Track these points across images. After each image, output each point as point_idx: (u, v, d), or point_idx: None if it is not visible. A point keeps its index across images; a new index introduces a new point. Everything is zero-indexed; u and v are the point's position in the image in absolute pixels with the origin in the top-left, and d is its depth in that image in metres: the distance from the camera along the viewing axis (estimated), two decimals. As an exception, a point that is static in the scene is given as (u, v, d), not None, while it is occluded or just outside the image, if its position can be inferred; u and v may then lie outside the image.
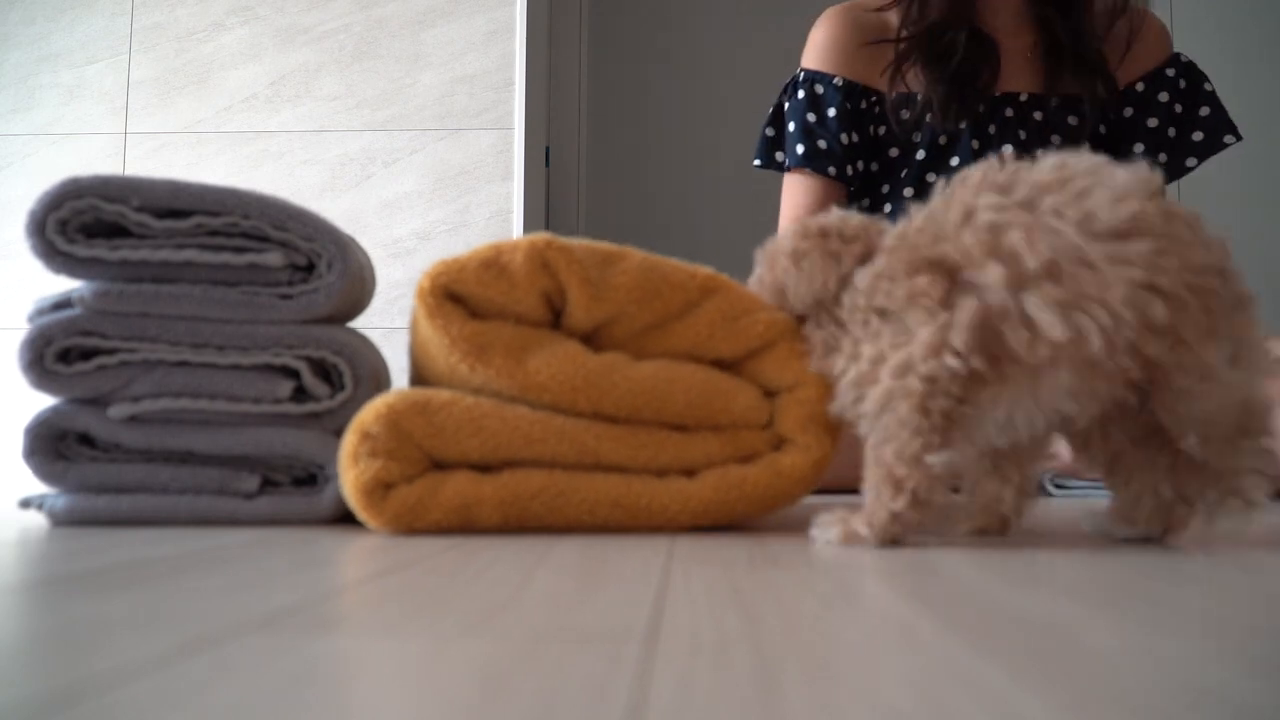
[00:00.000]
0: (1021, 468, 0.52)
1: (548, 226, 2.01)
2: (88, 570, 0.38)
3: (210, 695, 0.20)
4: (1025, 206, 0.45)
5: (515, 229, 1.76)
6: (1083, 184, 0.44)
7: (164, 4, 1.86)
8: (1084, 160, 0.47)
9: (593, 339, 0.54)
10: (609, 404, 0.52)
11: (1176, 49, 1.12)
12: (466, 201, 1.77)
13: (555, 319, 0.54)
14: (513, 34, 1.80)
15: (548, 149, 2.04)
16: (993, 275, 0.44)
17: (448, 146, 1.78)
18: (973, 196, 0.47)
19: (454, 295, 0.53)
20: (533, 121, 1.81)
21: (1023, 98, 1.08)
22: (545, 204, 2.02)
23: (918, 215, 0.50)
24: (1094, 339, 0.42)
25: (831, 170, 1.13)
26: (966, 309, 0.45)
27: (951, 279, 0.46)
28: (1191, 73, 1.11)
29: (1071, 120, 1.07)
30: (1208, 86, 1.10)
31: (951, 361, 0.45)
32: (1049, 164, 0.47)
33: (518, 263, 0.52)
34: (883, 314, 0.48)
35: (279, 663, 0.23)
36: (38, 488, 0.58)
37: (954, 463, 0.47)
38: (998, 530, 0.52)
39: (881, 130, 1.13)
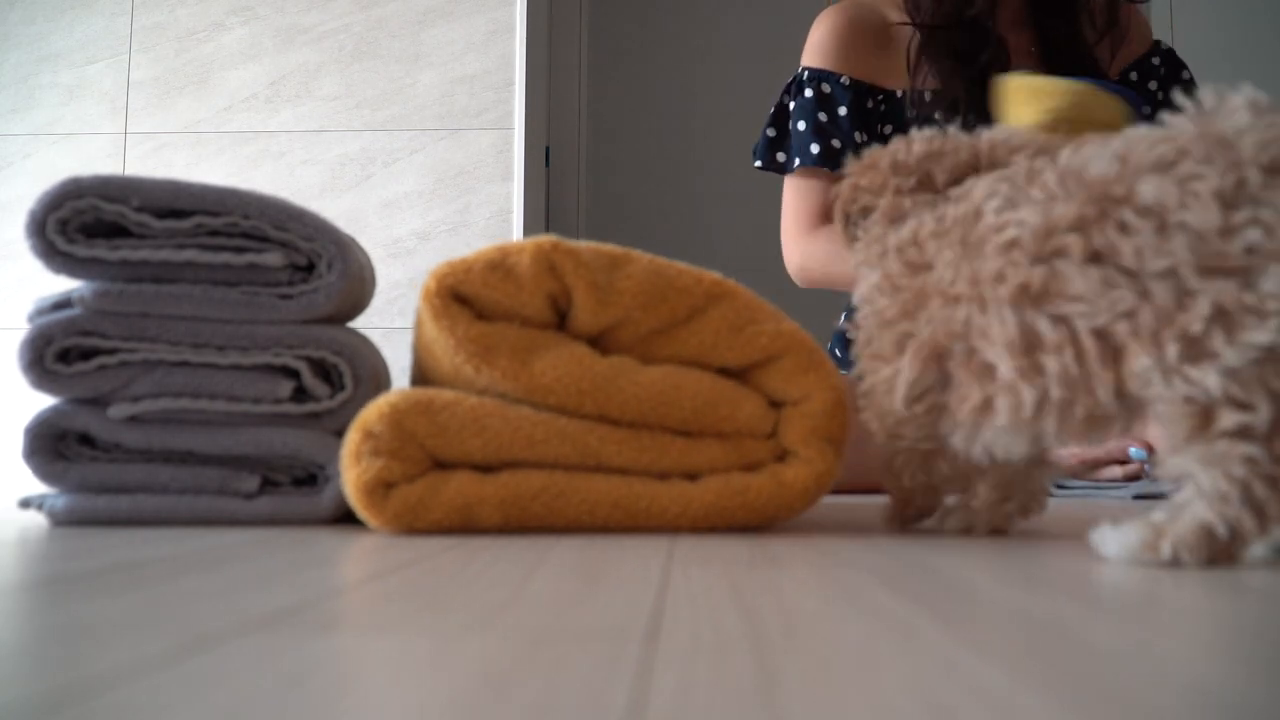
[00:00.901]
0: (1025, 475, 0.52)
1: (548, 227, 2.01)
2: (88, 570, 0.38)
3: (210, 695, 0.20)
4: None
5: (515, 229, 1.76)
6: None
7: (164, 4, 1.86)
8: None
9: (597, 343, 0.54)
10: (615, 408, 0.52)
11: (1178, 48, 1.12)
12: (466, 201, 1.77)
13: (560, 321, 0.54)
14: (513, 34, 1.80)
15: (548, 149, 2.04)
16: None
17: (448, 146, 1.78)
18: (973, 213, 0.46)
19: (460, 296, 0.52)
20: (533, 121, 1.81)
21: None
22: (545, 204, 2.02)
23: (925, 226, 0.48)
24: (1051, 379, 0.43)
25: None
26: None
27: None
28: (1170, 60, 1.10)
29: None
30: (1185, 75, 1.09)
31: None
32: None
33: (524, 265, 0.52)
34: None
35: (279, 663, 0.23)
36: (38, 488, 0.58)
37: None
38: (987, 531, 0.52)
39: (889, 129, 1.12)
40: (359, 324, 0.66)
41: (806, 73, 1.14)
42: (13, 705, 0.19)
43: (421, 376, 0.58)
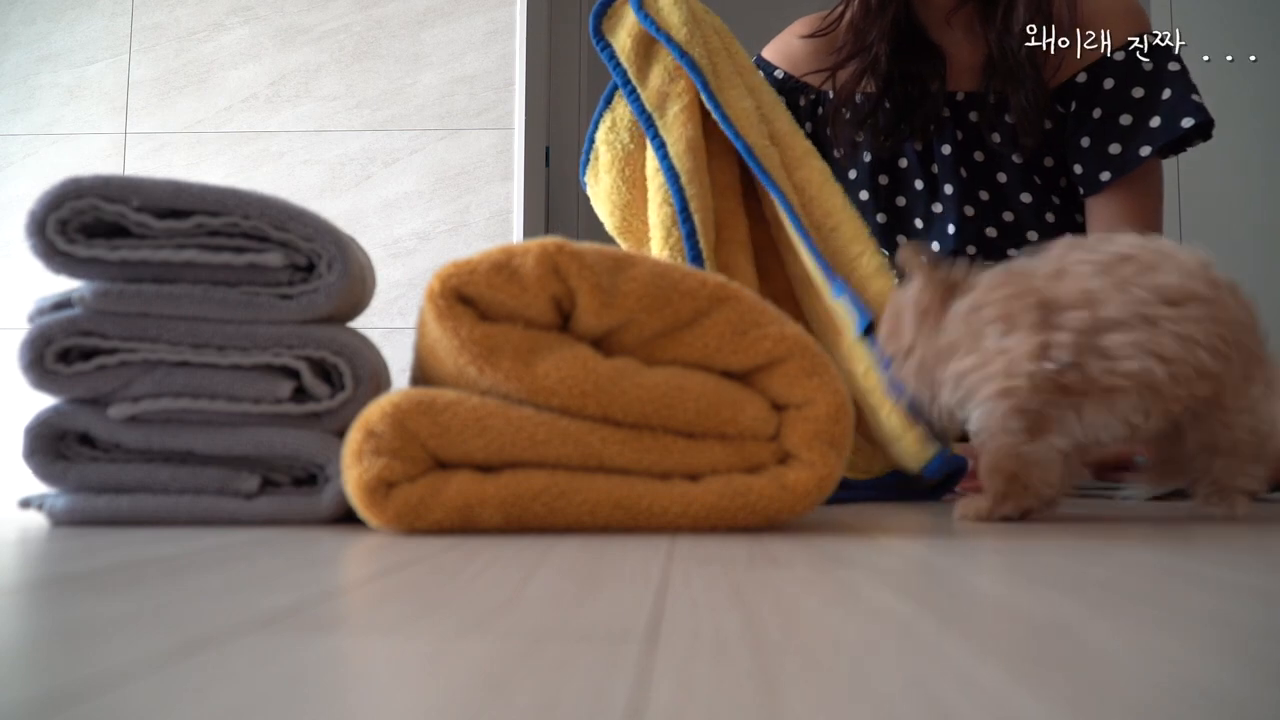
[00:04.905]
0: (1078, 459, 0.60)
1: (548, 227, 2.01)
2: (88, 570, 0.38)
3: (210, 695, 0.20)
4: (1107, 271, 0.56)
5: (515, 229, 1.76)
6: (1153, 260, 0.56)
7: (164, 4, 1.86)
8: (1155, 244, 0.59)
9: (601, 345, 0.54)
10: (618, 409, 0.52)
11: (1176, 43, 1.09)
12: (466, 201, 1.77)
13: (564, 323, 0.54)
14: (513, 34, 1.80)
15: (548, 149, 2.04)
16: (1078, 317, 0.55)
17: (448, 146, 1.78)
18: (1064, 256, 0.58)
19: (464, 297, 0.52)
20: (533, 121, 1.81)
21: (959, 97, 1.08)
22: (545, 204, 2.02)
23: (1007, 268, 0.60)
24: (1158, 373, 0.53)
25: None
26: (1069, 330, 0.55)
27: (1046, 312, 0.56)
28: (1158, 54, 1.03)
29: (1009, 119, 1.05)
30: (1173, 66, 1.02)
31: (1049, 366, 0.55)
32: (1125, 242, 0.58)
33: (528, 266, 0.52)
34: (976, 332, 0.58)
35: (279, 663, 0.23)
36: (38, 488, 0.58)
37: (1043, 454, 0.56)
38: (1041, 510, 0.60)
39: (807, 126, 1.14)
40: (359, 324, 0.66)
41: (755, 60, 1.17)
42: (13, 705, 0.19)
43: (423, 376, 0.58)
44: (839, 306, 0.80)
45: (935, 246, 1.10)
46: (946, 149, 1.08)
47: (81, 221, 0.57)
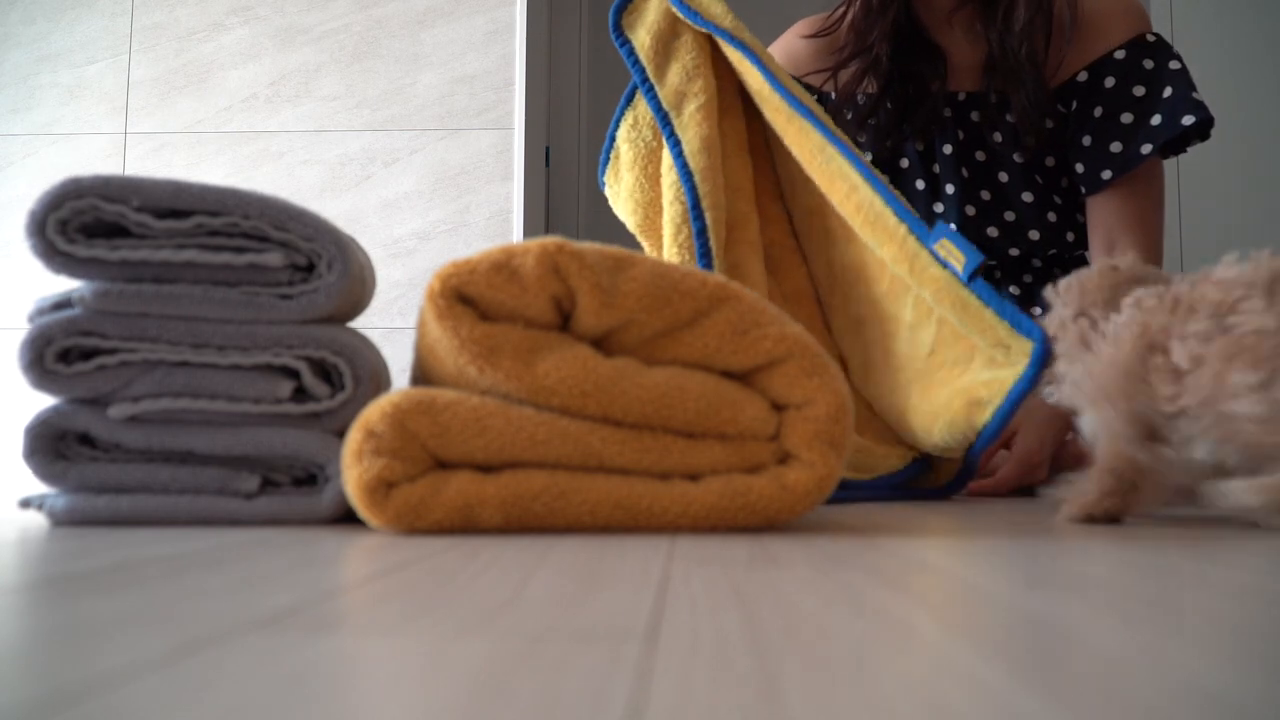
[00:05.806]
0: None
1: (548, 227, 2.01)
2: (88, 570, 0.38)
3: (210, 695, 0.20)
4: None
5: (515, 229, 1.76)
6: None
7: (164, 4, 1.86)
8: None
9: (601, 345, 0.54)
10: (618, 410, 0.52)
11: (1176, 47, 1.10)
12: (466, 201, 1.77)
13: (564, 323, 0.54)
14: (513, 34, 1.80)
15: (548, 149, 2.04)
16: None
17: (448, 146, 1.78)
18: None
19: (464, 297, 0.52)
20: (533, 121, 1.81)
21: (961, 97, 1.08)
22: (545, 204, 2.02)
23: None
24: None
25: None
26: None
27: None
28: (1159, 52, 1.04)
29: (1010, 118, 1.05)
30: (1174, 65, 1.02)
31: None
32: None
33: (528, 266, 0.52)
34: None
35: (279, 663, 0.23)
36: (38, 488, 0.58)
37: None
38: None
39: None
40: (359, 324, 0.66)
41: None
42: (13, 705, 0.19)
43: (424, 376, 0.58)
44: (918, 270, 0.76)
45: None
46: (948, 149, 1.09)
47: (81, 221, 0.57)
